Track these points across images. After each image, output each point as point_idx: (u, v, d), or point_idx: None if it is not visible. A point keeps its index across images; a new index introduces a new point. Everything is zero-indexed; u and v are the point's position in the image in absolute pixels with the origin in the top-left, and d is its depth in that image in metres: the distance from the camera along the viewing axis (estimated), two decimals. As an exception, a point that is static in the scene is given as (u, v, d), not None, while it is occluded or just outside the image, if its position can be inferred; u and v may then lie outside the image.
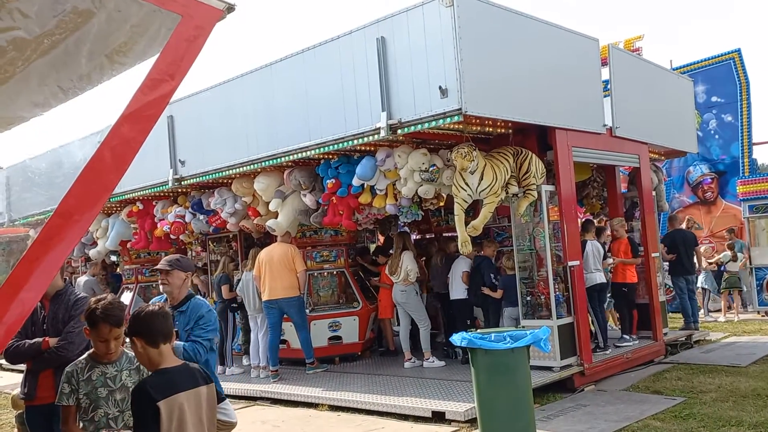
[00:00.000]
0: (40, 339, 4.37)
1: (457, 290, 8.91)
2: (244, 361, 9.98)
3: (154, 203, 10.91)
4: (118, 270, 14.34)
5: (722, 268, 13.47)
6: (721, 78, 15.60)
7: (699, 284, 13.29)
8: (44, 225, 1.89)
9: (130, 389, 3.38)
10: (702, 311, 13.33)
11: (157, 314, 2.98)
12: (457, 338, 5.34)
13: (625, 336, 9.26)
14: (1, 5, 1.91)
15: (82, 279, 12.94)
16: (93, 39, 2.14)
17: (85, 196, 1.95)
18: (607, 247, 9.45)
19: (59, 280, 4.52)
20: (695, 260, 11.81)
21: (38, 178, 11.57)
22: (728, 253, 13.34)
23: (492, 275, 8.52)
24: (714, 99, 15.74)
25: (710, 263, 13.71)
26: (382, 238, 13.20)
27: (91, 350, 3.45)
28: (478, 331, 5.57)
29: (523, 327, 6.75)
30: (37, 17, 2.01)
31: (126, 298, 12.37)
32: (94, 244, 12.22)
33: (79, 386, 3.34)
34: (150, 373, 3.02)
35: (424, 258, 11.06)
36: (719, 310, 13.57)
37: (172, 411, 2.77)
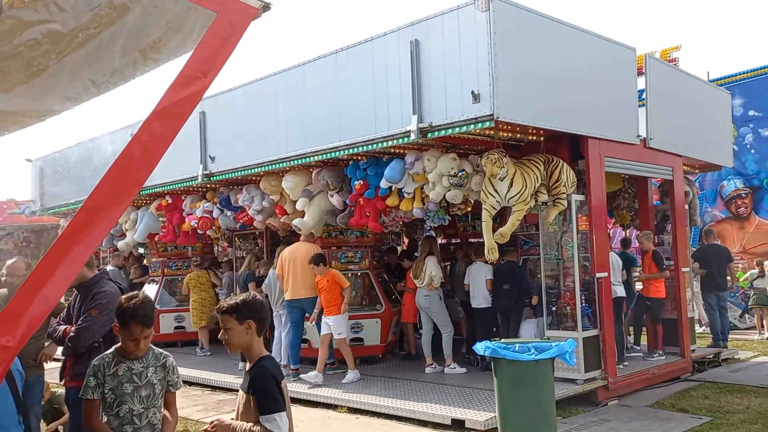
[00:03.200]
0: (64, 327, 4.48)
1: (479, 298, 8.82)
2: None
3: (183, 198, 11.01)
4: (144, 262, 14.50)
5: (750, 285, 13.15)
6: (759, 91, 15.25)
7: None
8: (71, 220, 1.87)
9: (156, 386, 3.38)
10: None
11: (267, 307, 3.27)
12: (481, 347, 5.27)
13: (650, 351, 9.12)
14: (39, -2, 1.90)
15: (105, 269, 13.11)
16: (127, 34, 2.13)
17: (113, 192, 1.93)
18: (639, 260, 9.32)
19: (87, 272, 4.58)
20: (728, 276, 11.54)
21: (68, 171, 11.77)
22: (755, 270, 13.03)
23: (529, 282, 8.49)
24: (751, 113, 15.40)
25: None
26: (407, 241, 13.15)
27: (118, 345, 3.45)
28: (503, 340, 5.49)
29: (548, 338, 6.64)
30: (73, 11, 2.00)
31: (151, 290, 12.50)
32: (123, 235, 12.37)
33: (105, 381, 3.34)
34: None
35: (448, 264, 11.01)
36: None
37: (285, 391, 3.11)
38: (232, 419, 3.16)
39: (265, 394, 3.01)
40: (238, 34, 2.18)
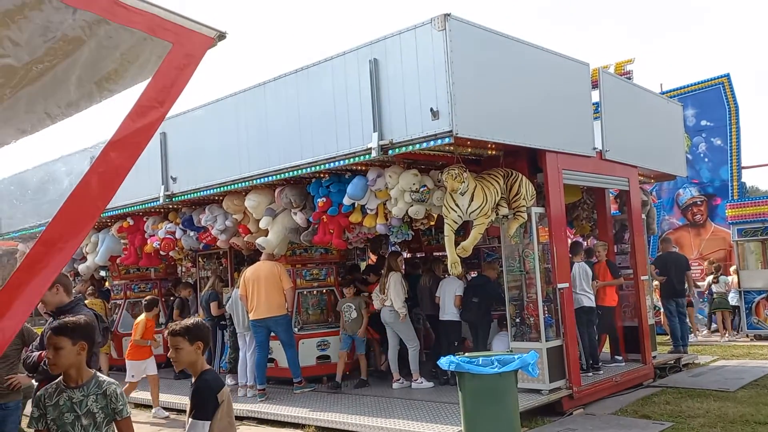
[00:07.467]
0: (38, 353, 4.44)
1: (448, 311, 8.89)
2: (230, 380, 9.86)
3: (144, 219, 10.88)
4: (106, 285, 14.26)
5: (711, 290, 13.53)
6: (710, 102, 15.76)
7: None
8: (27, 253, 1.87)
9: (96, 415, 3.31)
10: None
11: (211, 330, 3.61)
12: (445, 362, 5.32)
13: (616, 357, 9.33)
14: (-9, 34, 1.90)
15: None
16: (82, 66, 2.14)
17: (70, 224, 1.94)
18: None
19: (64, 296, 4.60)
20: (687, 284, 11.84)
21: (30, 193, 11.53)
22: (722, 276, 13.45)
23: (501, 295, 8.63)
24: (703, 123, 15.89)
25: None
26: (374, 257, 13.19)
27: (61, 375, 3.40)
28: (467, 354, 5.55)
29: (511, 351, 6.73)
30: (27, 45, 2.00)
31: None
32: (84, 259, 12.16)
33: (47, 411, 3.29)
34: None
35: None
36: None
37: (225, 398, 3.49)
38: None
39: (197, 402, 3.44)
40: (195, 63, 2.21)
